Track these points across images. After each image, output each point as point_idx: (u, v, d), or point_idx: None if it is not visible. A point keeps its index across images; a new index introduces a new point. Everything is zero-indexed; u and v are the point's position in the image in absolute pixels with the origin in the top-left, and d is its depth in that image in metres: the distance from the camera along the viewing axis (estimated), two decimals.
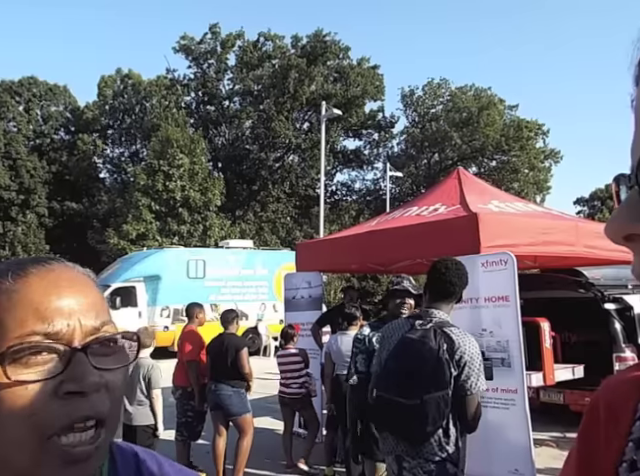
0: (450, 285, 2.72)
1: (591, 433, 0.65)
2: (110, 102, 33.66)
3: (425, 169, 34.89)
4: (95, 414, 0.57)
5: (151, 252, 16.42)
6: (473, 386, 2.53)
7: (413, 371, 2.54)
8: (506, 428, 4.07)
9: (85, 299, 0.61)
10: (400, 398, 2.51)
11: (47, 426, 0.55)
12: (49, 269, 0.61)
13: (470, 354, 2.55)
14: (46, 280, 0.60)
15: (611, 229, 0.52)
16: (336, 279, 23.09)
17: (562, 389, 6.19)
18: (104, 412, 0.58)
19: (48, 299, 0.58)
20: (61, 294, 0.59)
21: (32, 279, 0.59)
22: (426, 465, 2.54)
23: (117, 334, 0.62)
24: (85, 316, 0.59)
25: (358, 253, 5.86)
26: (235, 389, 4.90)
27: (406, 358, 2.61)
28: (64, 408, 0.55)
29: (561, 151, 34.24)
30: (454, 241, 4.60)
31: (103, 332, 0.61)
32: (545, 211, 6.24)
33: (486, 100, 32.48)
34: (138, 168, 27.27)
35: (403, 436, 2.61)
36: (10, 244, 29.96)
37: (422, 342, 2.56)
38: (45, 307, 0.57)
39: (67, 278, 0.61)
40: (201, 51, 32.50)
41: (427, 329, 2.61)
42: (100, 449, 0.58)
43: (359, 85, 32.12)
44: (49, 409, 0.55)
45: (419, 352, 2.55)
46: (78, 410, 0.56)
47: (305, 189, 32.33)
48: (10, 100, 33.41)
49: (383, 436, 2.78)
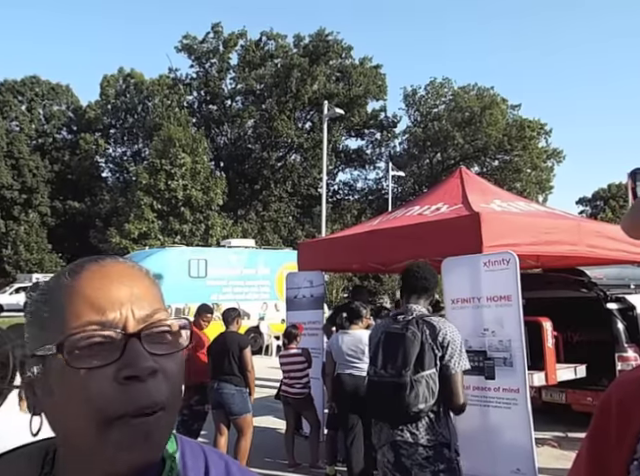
0: (425, 281, 2.96)
1: (602, 431, 0.65)
2: (112, 101, 33.72)
3: (427, 169, 34.88)
4: (152, 403, 0.58)
5: (153, 251, 16.43)
6: (456, 364, 2.71)
7: (400, 355, 2.73)
8: (508, 428, 4.06)
9: (135, 289, 0.63)
10: (391, 378, 2.70)
11: (107, 411, 0.57)
12: (101, 265, 0.65)
13: (451, 336, 2.75)
14: (98, 274, 0.63)
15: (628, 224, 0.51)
16: (338, 278, 23.09)
17: (564, 389, 6.18)
18: (161, 400, 0.59)
19: (100, 291, 0.62)
20: (112, 286, 0.62)
21: (85, 274, 0.63)
22: (423, 451, 2.66)
23: (168, 320, 0.64)
24: (136, 305, 0.62)
25: (360, 252, 5.85)
26: (238, 388, 4.90)
27: (392, 345, 2.80)
28: (123, 395, 0.57)
29: (564, 151, 34.30)
30: (456, 240, 4.59)
31: (155, 319, 0.63)
32: (547, 211, 6.22)
33: (489, 100, 32.45)
34: (140, 167, 27.33)
35: (398, 415, 2.71)
36: (13, 243, 30.03)
37: (405, 329, 2.78)
38: (98, 299, 0.61)
39: (117, 271, 0.65)
40: (203, 50, 32.54)
41: (409, 320, 2.83)
42: (159, 433, 0.60)
43: (361, 85, 32.12)
44: (108, 394, 0.57)
45: (403, 338, 2.75)
46: (137, 398, 0.58)
47: (307, 188, 32.35)
48: (13, 99, 33.50)
49: (378, 428, 2.86)
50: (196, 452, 0.70)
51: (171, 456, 0.66)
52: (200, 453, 0.70)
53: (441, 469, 2.66)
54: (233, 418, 4.93)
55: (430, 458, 2.65)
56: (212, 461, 0.69)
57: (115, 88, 34.09)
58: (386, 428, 2.78)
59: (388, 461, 2.76)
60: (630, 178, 0.53)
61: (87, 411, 0.57)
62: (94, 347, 0.58)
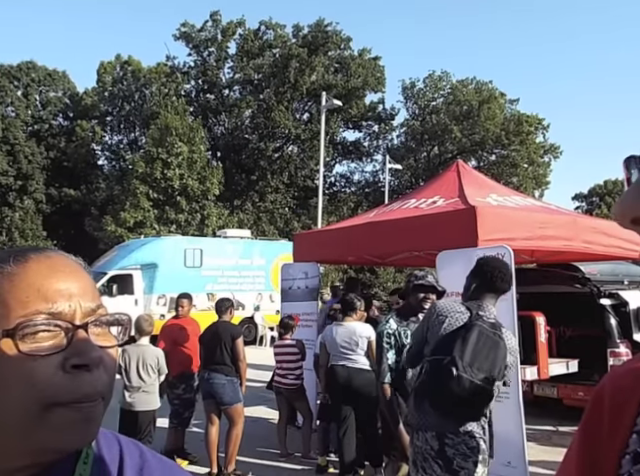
0: (502, 282, 2.93)
1: (594, 424, 0.64)
2: (109, 89, 33.44)
3: (424, 162, 34.84)
4: (96, 393, 0.61)
5: (148, 240, 16.38)
6: (507, 376, 2.90)
7: (491, 362, 2.76)
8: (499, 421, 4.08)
9: (81, 283, 0.66)
10: (480, 381, 2.72)
11: (52, 396, 0.59)
12: (47, 256, 0.67)
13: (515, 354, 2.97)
14: (45, 265, 0.65)
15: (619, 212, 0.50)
16: (333, 270, 23.12)
17: (556, 383, 6.23)
18: (102, 390, 0.62)
19: (49, 282, 0.63)
20: (60, 278, 0.64)
21: (32, 264, 0.64)
22: (470, 441, 2.76)
23: (113, 315, 0.67)
24: (83, 298, 0.64)
25: (356, 245, 5.86)
26: (229, 378, 4.91)
27: (484, 346, 2.77)
28: (70, 382, 0.60)
29: (561, 146, 34.27)
30: (452, 234, 4.60)
31: (99, 313, 0.66)
32: (543, 205, 6.23)
33: (487, 94, 32.38)
34: (136, 156, 27.16)
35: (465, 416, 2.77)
36: (7, 230, 29.88)
37: (498, 335, 2.82)
38: (47, 289, 0.62)
39: (64, 264, 0.67)
40: (201, 39, 32.27)
41: (494, 323, 2.86)
42: (97, 420, 0.62)
43: (360, 76, 31.97)
44: (55, 381, 0.59)
45: (497, 344, 2.79)
46: (83, 386, 0.60)
47: (304, 180, 32.27)
48: (9, 85, 33.18)
49: (423, 411, 2.80)
50: (110, 441, 0.72)
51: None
52: (114, 441, 0.72)
53: (479, 460, 2.78)
54: (224, 408, 4.95)
55: (474, 448, 2.75)
56: (127, 449, 0.72)
57: (112, 75, 33.79)
58: (435, 415, 2.76)
59: (431, 448, 2.78)
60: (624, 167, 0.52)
61: (31, 395, 0.58)
62: (42, 335, 0.60)
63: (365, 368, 4.69)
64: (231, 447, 4.91)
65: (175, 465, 0.75)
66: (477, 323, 2.78)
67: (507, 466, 4.03)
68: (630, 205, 0.49)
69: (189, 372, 5.37)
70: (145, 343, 4.74)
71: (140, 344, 4.71)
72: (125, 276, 14.46)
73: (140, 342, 4.73)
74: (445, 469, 2.73)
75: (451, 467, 2.72)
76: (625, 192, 0.51)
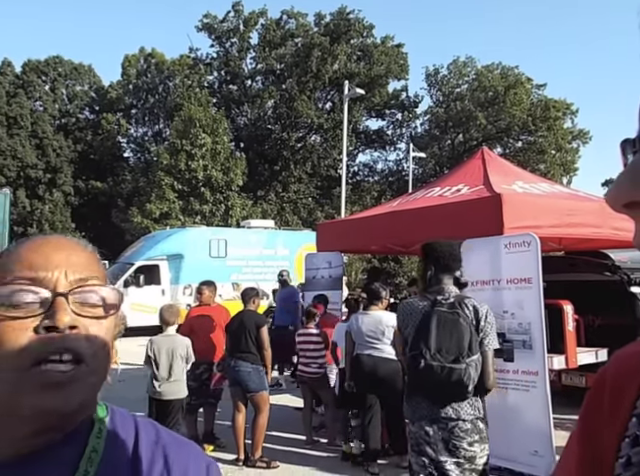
0: (451, 259, 3.02)
1: (595, 407, 0.63)
2: (134, 81, 33.81)
3: (449, 150, 34.40)
4: (69, 347, 0.63)
5: (174, 231, 16.60)
6: (490, 343, 2.91)
7: (454, 340, 2.83)
8: (526, 410, 4.06)
9: (73, 256, 0.68)
10: (450, 364, 2.80)
11: (26, 357, 0.61)
12: (45, 237, 0.71)
13: (490, 318, 2.94)
14: (39, 242, 0.69)
15: (611, 196, 0.50)
16: (357, 260, 23.09)
17: (585, 372, 6.13)
18: (79, 348, 0.63)
19: (35, 253, 0.67)
20: (49, 252, 0.67)
21: (28, 243, 0.69)
22: (463, 424, 2.83)
23: (99, 285, 0.68)
24: (71, 269, 0.67)
25: (379, 234, 5.84)
26: (254, 366, 4.97)
27: (445, 328, 2.87)
28: (40, 340, 0.62)
29: (590, 131, 33.45)
30: (477, 222, 4.55)
31: (88, 284, 0.67)
32: (571, 192, 6.11)
33: (513, 79, 31.71)
34: (161, 148, 27.45)
35: (448, 399, 2.84)
36: (38, 222, 30.59)
37: (457, 313, 2.88)
38: (31, 260, 0.66)
39: (58, 242, 0.70)
40: (224, 30, 32.32)
41: (452, 302, 2.93)
42: (78, 382, 0.63)
43: (383, 64, 31.64)
44: (29, 343, 0.62)
45: (457, 323, 2.85)
46: (52, 343, 0.62)
47: (327, 169, 32.20)
48: (37, 79, 33.80)
49: (414, 401, 2.95)
50: (127, 418, 0.74)
51: (100, 419, 0.70)
52: (131, 419, 0.74)
53: (475, 440, 2.85)
54: (250, 395, 5.01)
55: (468, 430, 2.83)
56: (142, 426, 0.73)
57: (136, 68, 34.14)
58: (425, 403, 2.90)
59: (426, 433, 2.87)
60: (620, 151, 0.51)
61: (9, 358, 0.61)
62: (21, 301, 0.63)
63: (391, 357, 4.69)
64: (257, 435, 4.98)
65: (191, 443, 0.76)
66: (435, 309, 2.91)
67: (534, 455, 4.00)
68: (624, 189, 0.49)
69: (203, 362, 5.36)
70: (172, 333, 4.81)
71: (168, 334, 4.78)
72: (152, 267, 14.70)
73: (167, 332, 4.79)
74: (441, 452, 2.83)
75: (447, 447, 2.83)
76: (619, 176, 0.50)
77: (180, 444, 0.73)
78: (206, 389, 5.49)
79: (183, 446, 0.73)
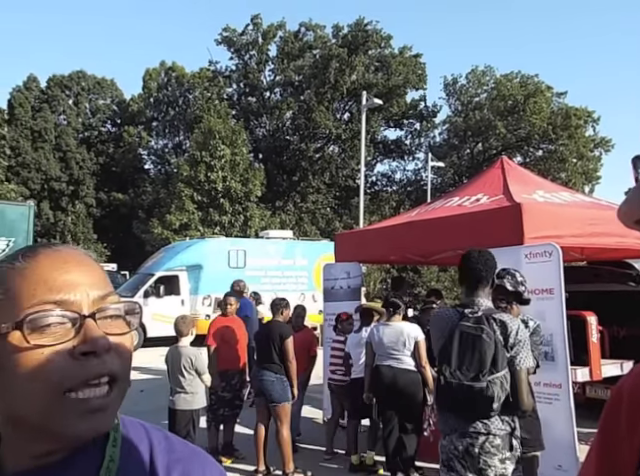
0: (480, 271, 2.90)
1: (613, 421, 0.62)
2: (154, 95, 34.39)
3: (468, 159, 34.20)
4: (108, 371, 0.64)
5: (193, 242, 16.73)
6: (521, 362, 2.75)
7: (476, 357, 2.74)
8: (550, 423, 3.98)
9: (90, 274, 0.68)
10: (469, 381, 2.71)
11: (63, 383, 0.61)
12: (56, 250, 0.69)
13: (521, 335, 2.79)
14: (52, 258, 0.67)
15: (623, 212, 0.50)
16: (375, 270, 22.99)
17: (609, 385, 6.00)
18: (116, 370, 0.64)
19: (56, 273, 0.65)
20: (68, 270, 0.66)
21: (41, 258, 0.67)
22: (494, 439, 2.73)
23: (120, 302, 0.69)
24: (91, 288, 0.66)
25: (398, 244, 5.81)
26: (278, 376, 4.94)
27: (467, 345, 2.78)
28: (80, 367, 0.62)
29: (612, 139, 32.95)
30: (497, 232, 4.50)
31: (108, 301, 0.68)
32: (593, 201, 6.02)
33: (533, 87, 31.47)
34: (181, 159, 27.79)
35: (473, 416, 2.75)
36: (61, 233, 31.15)
37: (480, 329, 2.76)
38: (54, 280, 0.64)
39: (71, 256, 0.69)
40: (243, 42, 32.73)
41: (479, 316, 2.80)
42: (114, 404, 0.65)
43: (400, 74, 31.69)
44: (65, 368, 0.61)
45: (479, 340, 2.74)
46: (93, 368, 0.62)
47: (345, 180, 32.24)
48: (61, 94, 34.60)
49: (444, 417, 2.90)
50: (136, 426, 0.75)
51: (115, 428, 0.70)
52: (140, 427, 0.75)
53: (507, 457, 2.74)
54: (272, 405, 4.97)
55: (499, 446, 2.72)
56: (153, 433, 0.74)
57: (157, 81, 34.73)
58: (455, 418, 2.82)
59: (455, 448, 2.80)
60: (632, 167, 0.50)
61: (44, 385, 0.60)
62: (50, 326, 0.62)
63: (411, 369, 4.65)
64: (284, 447, 4.90)
65: (200, 450, 0.76)
66: (460, 324, 2.82)
67: (558, 470, 3.92)
68: (635, 206, 0.48)
69: (232, 371, 5.45)
70: (184, 344, 4.84)
71: (179, 345, 4.82)
72: (171, 277, 14.82)
73: (180, 344, 4.83)
74: (471, 468, 2.75)
75: (477, 465, 2.73)
76: (631, 192, 0.49)
77: (191, 452, 0.74)
78: (240, 399, 5.53)
79: (195, 454, 0.73)
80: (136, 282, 15.21)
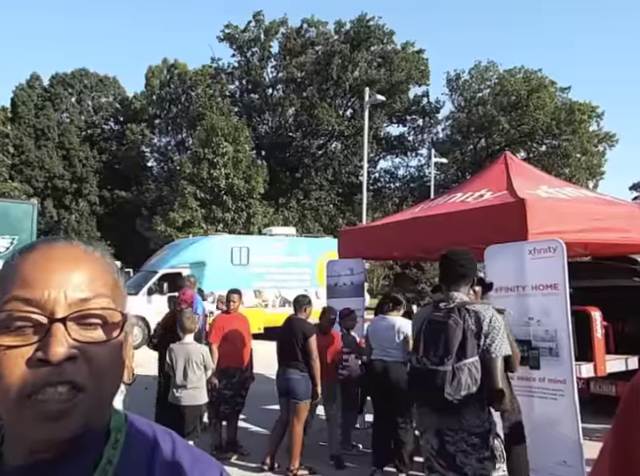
0: (463, 268, 2.96)
1: (628, 418, 0.62)
2: (157, 92, 34.41)
3: (471, 155, 34.12)
4: (64, 381, 0.59)
5: (196, 239, 16.76)
6: (497, 349, 2.74)
7: (442, 343, 2.77)
8: (554, 419, 3.97)
9: (77, 272, 0.62)
10: (433, 366, 2.74)
11: (22, 388, 0.58)
12: (51, 246, 0.65)
13: (494, 323, 2.78)
14: (42, 254, 0.63)
15: None
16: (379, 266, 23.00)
17: (614, 380, 5.98)
18: (79, 381, 0.59)
19: (36, 270, 0.61)
20: (51, 268, 0.61)
21: (32, 255, 0.63)
22: (469, 438, 2.70)
23: (106, 308, 0.63)
24: (73, 289, 0.61)
25: (401, 240, 5.80)
26: (303, 374, 4.85)
27: (434, 333, 2.84)
28: (33, 374, 0.58)
29: (616, 134, 32.83)
30: (500, 228, 4.49)
31: (91, 305, 0.62)
32: (597, 196, 5.99)
33: (536, 83, 31.35)
34: (184, 157, 27.84)
35: (441, 403, 2.72)
36: (64, 231, 31.22)
37: (447, 317, 2.81)
38: (32, 277, 0.60)
39: (64, 253, 0.64)
40: (245, 39, 32.70)
41: (451, 308, 2.85)
42: (78, 410, 0.59)
43: (403, 70, 31.62)
44: (22, 373, 0.58)
45: (445, 326, 2.79)
46: (45, 377, 0.58)
47: (348, 176, 32.22)
48: (63, 92, 34.66)
49: (422, 412, 2.91)
50: (145, 429, 0.71)
51: (117, 429, 0.68)
52: (149, 430, 0.72)
53: (486, 456, 2.71)
54: (293, 401, 4.88)
55: (476, 445, 2.69)
56: (160, 437, 0.71)
57: (159, 79, 34.76)
58: (429, 414, 2.82)
59: (432, 447, 2.79)
60: None
61: (5, 388, 0.58)
62: (18, 326, 0.59)
63: (401, 360, 4.66)
64: (295, 442, 4.86)
65: (205, 455, 0.74)
66: (430, 316, 2.92)
67: (563, 465, 3.91)
68: None
69: (233, 368, 5.41)
70: (189, 341, 4.82)
71: (185, 342, 4.80)
72: (175, 275, 14.83)
73: (185, 340, 4.81)
74: (448, 466, 2.73)
75: (454, 464, 2.72)
76: None
77: (195, 457, 0.72)
78: (241, 397, 5.52)
79: (199, 462, 0.71)
80: (140, 280, 15.24)
